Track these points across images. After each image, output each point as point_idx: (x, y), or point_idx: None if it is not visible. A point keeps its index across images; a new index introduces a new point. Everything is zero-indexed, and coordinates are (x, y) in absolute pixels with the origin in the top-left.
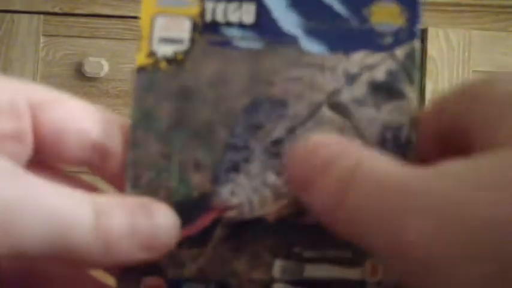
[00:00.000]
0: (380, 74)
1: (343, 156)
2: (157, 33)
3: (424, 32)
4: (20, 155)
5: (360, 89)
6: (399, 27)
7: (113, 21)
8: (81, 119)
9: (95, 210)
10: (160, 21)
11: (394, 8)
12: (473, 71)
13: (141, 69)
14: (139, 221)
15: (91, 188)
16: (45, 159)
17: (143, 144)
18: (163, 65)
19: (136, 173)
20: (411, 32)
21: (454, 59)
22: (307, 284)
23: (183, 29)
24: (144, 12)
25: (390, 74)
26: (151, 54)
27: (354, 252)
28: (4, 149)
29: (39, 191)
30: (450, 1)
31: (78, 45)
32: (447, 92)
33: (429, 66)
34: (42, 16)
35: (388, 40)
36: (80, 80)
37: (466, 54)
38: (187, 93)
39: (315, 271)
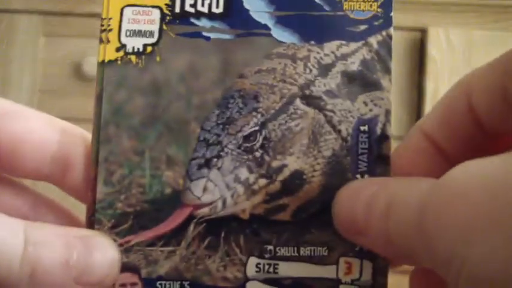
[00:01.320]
0: (354, 64)
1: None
2: (126, 25)
3: (424, 32)
4: None
5: (333, 80)
6: (373, 14)
7: None
8: (41, 132)
9: (25, 239)
10: (128, 13)
11: None
12: None
13: (110, 64)
14: (75, 255)
15: (49, 202)
16: (3, 171)
17: (115, 141)
18: (133, 58)
19: (108, 170)
20: (385, 19)
21: (454, 59)
22: (282, 283)
23: (152, 20)
24: (112, 3)
25: (365, 64)
26: (121, 47)
27: (328, 250)
28: None
29: None
30: (451, 1)
31: (78, 45)
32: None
33: (429, 66)
34: (42, 16)
35: (362, 28)
36: (79, 80)
37: (467, 54)
38: (158, 87)
39: (289, 269)
